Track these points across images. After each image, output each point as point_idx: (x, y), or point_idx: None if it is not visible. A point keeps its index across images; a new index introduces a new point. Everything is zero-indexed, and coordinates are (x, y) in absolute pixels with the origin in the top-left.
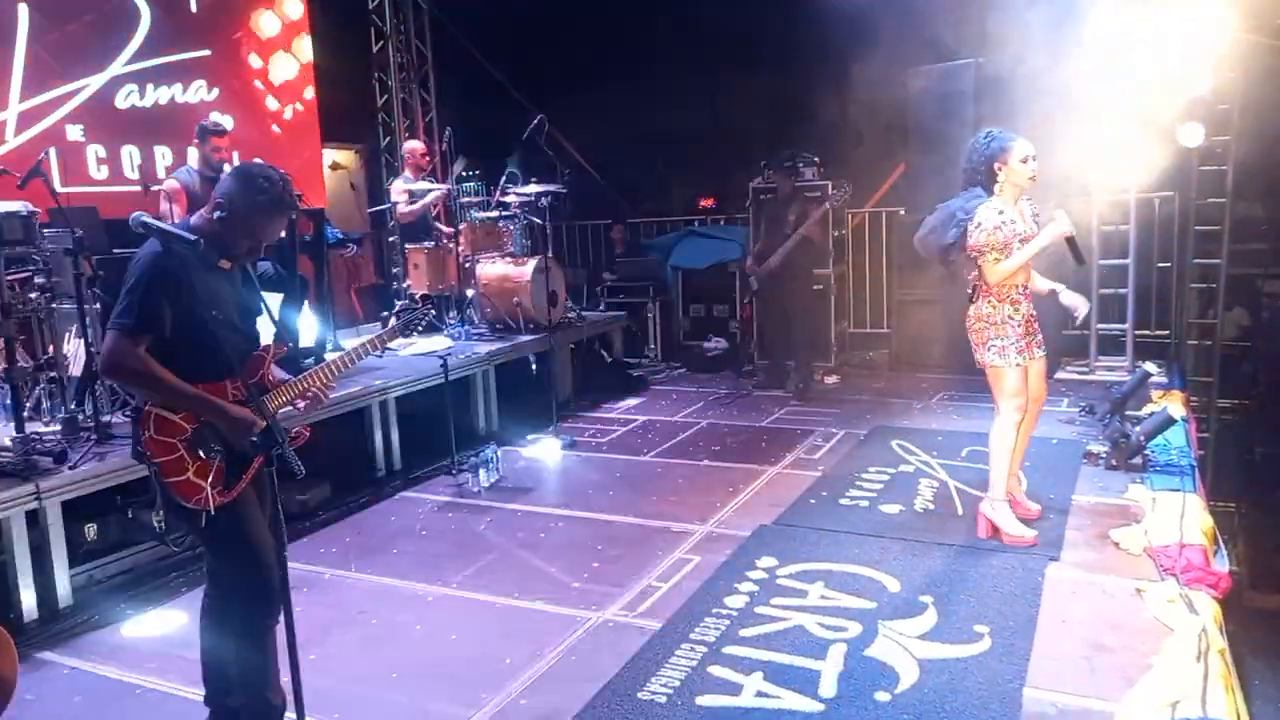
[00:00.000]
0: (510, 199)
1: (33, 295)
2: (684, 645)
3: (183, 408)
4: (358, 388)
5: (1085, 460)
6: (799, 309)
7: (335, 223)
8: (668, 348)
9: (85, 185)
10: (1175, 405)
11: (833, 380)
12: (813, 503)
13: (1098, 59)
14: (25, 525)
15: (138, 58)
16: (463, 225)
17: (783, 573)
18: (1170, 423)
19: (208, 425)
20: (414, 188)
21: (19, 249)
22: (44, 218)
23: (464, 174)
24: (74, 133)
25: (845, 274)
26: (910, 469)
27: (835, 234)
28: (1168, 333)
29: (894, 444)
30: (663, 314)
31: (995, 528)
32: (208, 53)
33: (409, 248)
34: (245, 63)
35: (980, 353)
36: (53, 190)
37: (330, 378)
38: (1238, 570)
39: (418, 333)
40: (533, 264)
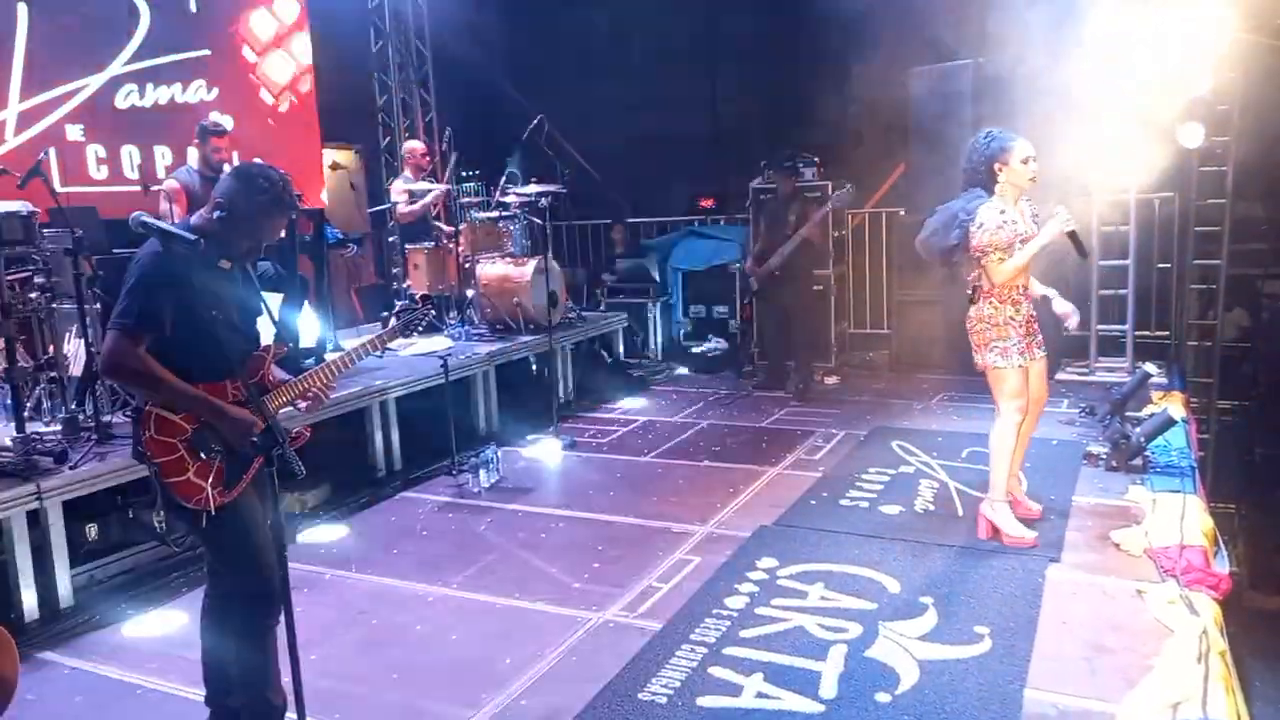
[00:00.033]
0: (510, 199)
1: (33, 295)
2: (684, 646)
3: (183, 408)
4: (358, 388)
5: (1085, 461)
6: (799, 310)
7: (335, 223)
8: (668, 348)
9: (85, 185)
10: (1175, 406)
11: (833, 381)
12: (813, 503)
13: (1098, 59)
14: (26, 525)
15: (137, 57)
16: (463, 225)
17: (783, 574)
18: (1170, 424)
19: (208, 425)
20: (414, 187)
21: (19, 249)
22: (44, 218)
23: (464, 174)
24: (74, 132)
25: (845, 274)
26: (910, 470)
27: (835, 234)
28: (1168, 334)
29: (894, 445)
30: (663, 314)
31: (995, 529)
32: (207, 52)
33: (409, 248)
34: (244, 62)
35: (981, 354)
36: (52, 190)
37: (330, 378)
38: (1238, 571)
39: (418, 333)
40: (533, 264)
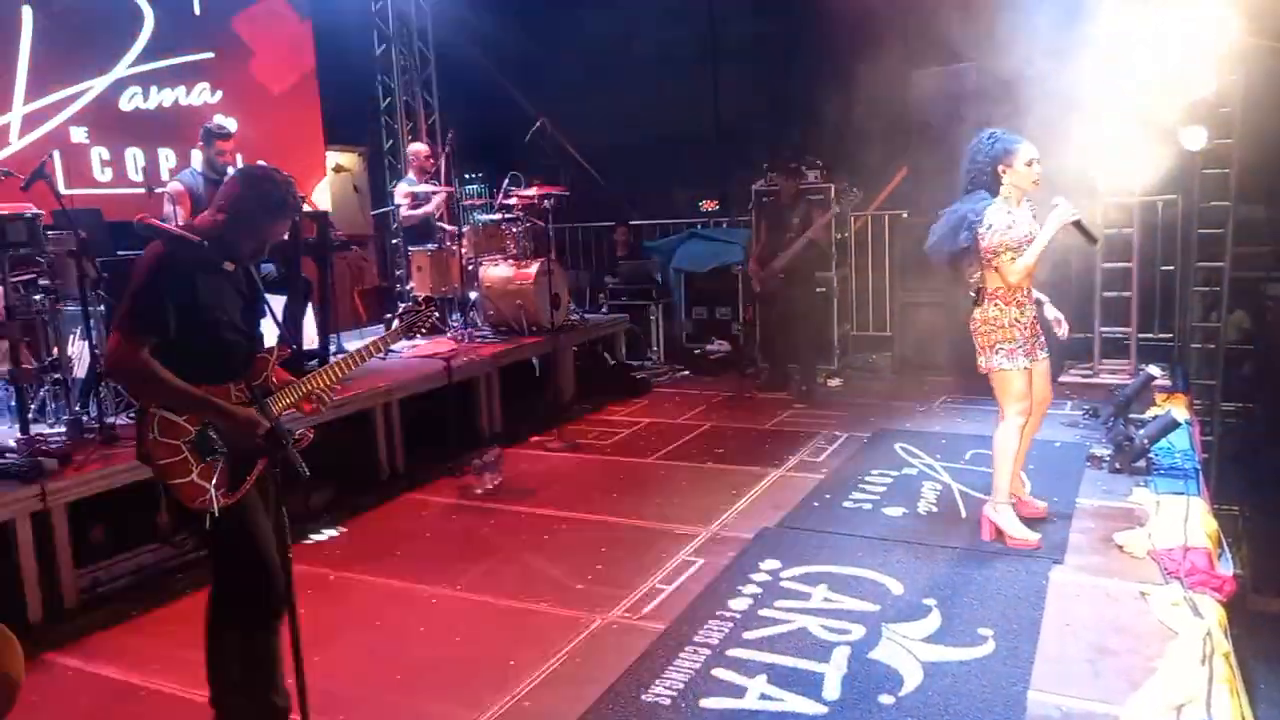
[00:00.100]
0: (513, 201)
1: (37, 297)
2: (688, 648)
3: (186, 409)
4: (362, 390)
5: (1089, 463)
6: (802, 312)
7: (337, 225)
8: (670, 350)
9: (89, 188)
10: (1179, 408)
11: (836, 383)
12: (816, 505)
13: (1100, 61)
14: (31, 527)
15: (141, 60)
16: (466, 228)
17: (786, 575)
18: (1174, 426)
19: (212, 427)
20: (418, 189)
21: (23, 251)
22: (48, 220)
23: (467, 176)
24: (78, 135)
25: (848, 277)
26: (913, 472)
27: (838, 237)
28: (1171, 336)
29: (897, 447)
30: (665, 316)
31: (999, 531)
32: (211, 55)
33: (412, 250)
34: (248, 65)
35: (986, 356)
36: (57, 192)
37: (334, 380)
38: (1242, 573)
39: (421, 335)
40: (536, 266)
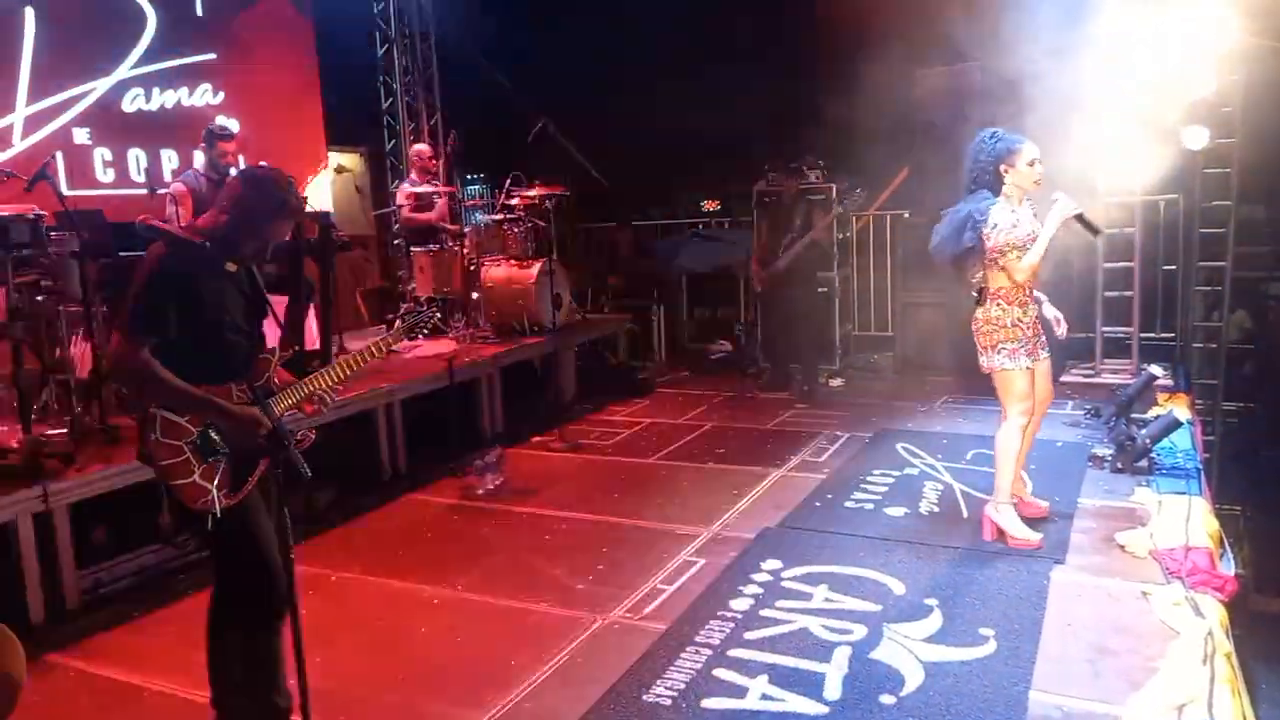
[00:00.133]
0: (515, 202)
1: (39, 298)
2: (689, 648)
3: (188, 410)
4: (364, 390)
5: (1091, 463)
6: (804, 312)
7: (339, 225)
8: (672, 350)
9: (92, 189)
10: (1181, 408)
11: (837, 383)
12: (817, 505)
13: (1102, 61)
14: (33, 527)
15: (144, 61)
16: (468, 228)
17: (787, 575)
18: (1176, 426)
19: (214, 428)
20: (420, 190)
21: (26, 252)
22: (51, 221)
23: (469, 177)
24: (80, 136)
25: (850, 277)
26: (915, 472)
27: (840, 237)
28: (1173, 335)
29: (899, 447)
30: (667, 317)
31: (1000, 531)
32: (213, 56)
33: (414, 250)
34: (250, 66)
35: (988, 356)
36: (59, 193)
37: (336, 381)
38: (1243, 573)
39: (423, 335)
40: (537, 267)
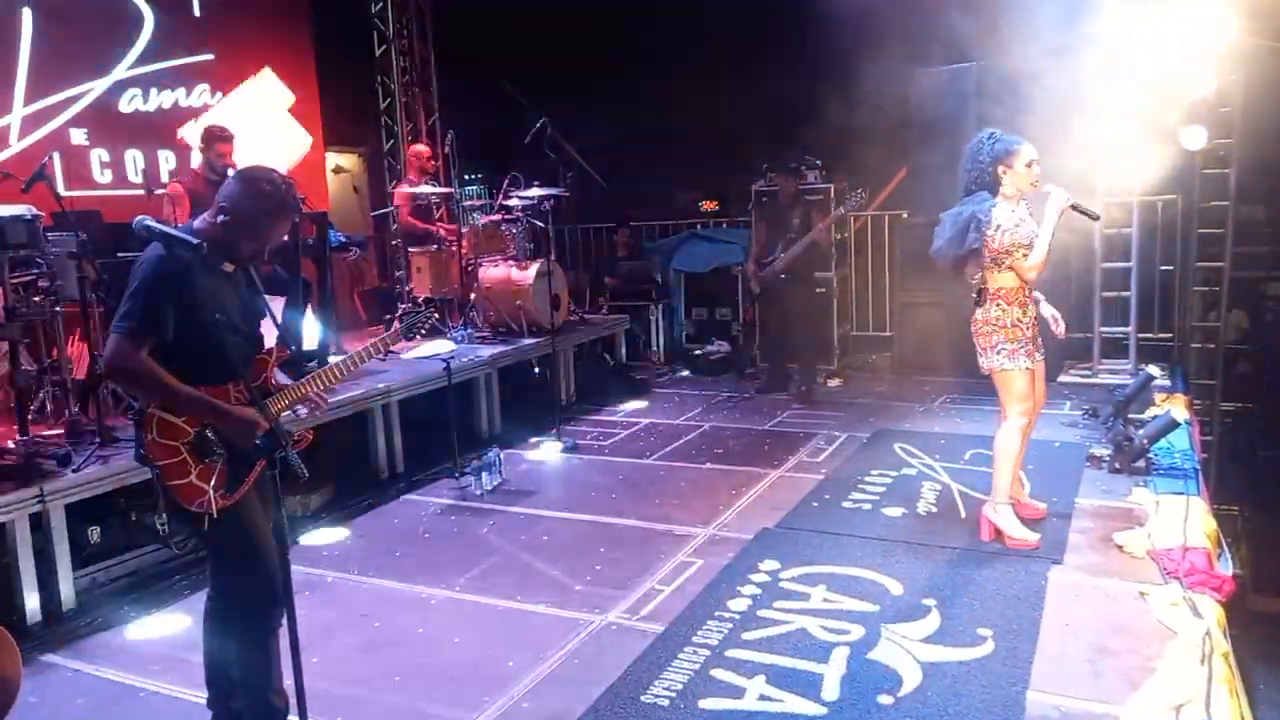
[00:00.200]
0: (513, 202)
1: (37, 299)
2: (687, 649)
3: (185, 411)
4: (361, 391)
5: (1088, 463)
6: (802, 312)
7: (338, 226)
8: (670, 350)
9: (89, 189)
10: (1178, 408)
11: (835, 383)
12: (815, 506)
13: (1101, 61)
14: (29, 528)
15: (141, 62)
16: (465, 229)
17: (785, 576)
18: (1173, 426)
19: (211, 428)
20: (417, 191)
21: (23, 252)
22: (48, 221)
23: (467, 177)
24: (78, 136)
25: (848, 277)
26: (913, 472)
27: (838, 237)
28: (1171, 336)
29: (897, 447)
30: (665, 317)
31: (998, 531)
32: (210, 57)
33: (412, 251)
34: (248, 67)
35: (988, 357)
36: (56, 194)
37: (332, 382)
38: (1241, 574)
39: (420, 336)
40: (535, 267)
